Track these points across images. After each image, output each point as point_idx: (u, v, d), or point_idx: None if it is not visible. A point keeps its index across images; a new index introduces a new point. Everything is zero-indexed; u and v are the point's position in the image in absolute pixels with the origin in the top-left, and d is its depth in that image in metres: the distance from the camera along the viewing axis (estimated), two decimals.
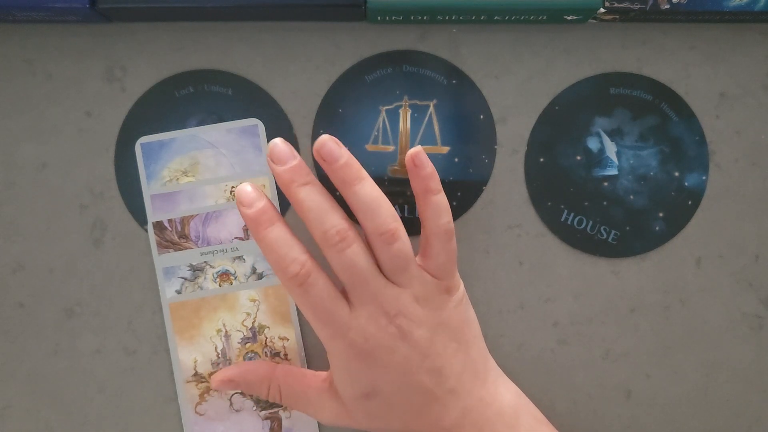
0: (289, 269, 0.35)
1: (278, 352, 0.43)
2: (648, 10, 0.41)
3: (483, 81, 0.43)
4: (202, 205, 0.43)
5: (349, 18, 0.43)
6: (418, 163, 0.36)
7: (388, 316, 0.35)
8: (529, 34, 0.43)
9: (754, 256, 0.43)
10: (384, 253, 0.36)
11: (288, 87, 0.43)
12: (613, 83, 0.43)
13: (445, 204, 0.37)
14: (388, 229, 0.35)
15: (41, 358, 0.43)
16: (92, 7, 0.40)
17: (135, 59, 0.43)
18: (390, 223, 0.35)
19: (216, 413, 0.42)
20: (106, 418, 0.43)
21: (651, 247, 0.43)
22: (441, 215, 0.37)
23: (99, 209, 0.43)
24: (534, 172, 0.43)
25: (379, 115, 0.43)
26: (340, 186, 0.36)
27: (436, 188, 0.37)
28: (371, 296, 0.36)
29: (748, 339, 0.43)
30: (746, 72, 0.44)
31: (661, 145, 0.43)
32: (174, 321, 0.42)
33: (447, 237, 0.37)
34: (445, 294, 0.38)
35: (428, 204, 0.37)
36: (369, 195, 0.35)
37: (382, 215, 0.35)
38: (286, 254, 0.35)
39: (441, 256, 0.37)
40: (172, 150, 0.43)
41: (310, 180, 0.36)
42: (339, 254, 0.35)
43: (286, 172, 0.36)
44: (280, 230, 0.36)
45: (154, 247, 0.43)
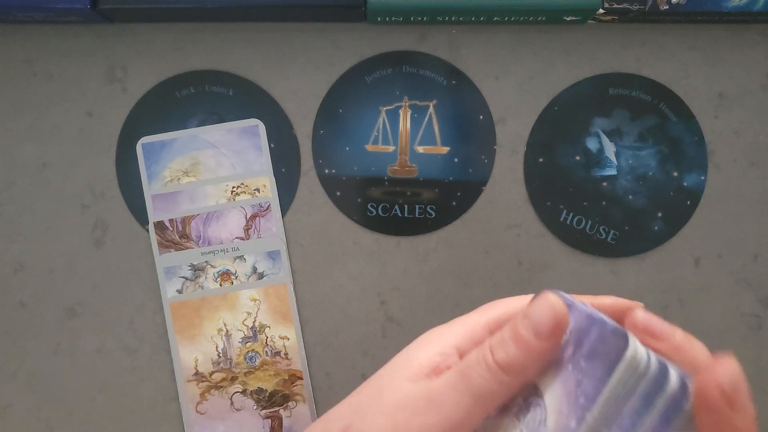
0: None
1: (279, 352, 0.43)
2: (647, 11, 0.41)
3: (483, 81, 0.43)
4: (202, 205, 0.43)
5: (349, 19, 0.43)
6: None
7: None
8: (528, 35, 0.44)
9: (752, 256, 0.43)
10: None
11: (288, 87, 0.43)
12: (612, 84, 0.43)
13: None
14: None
15: (42, 357, 0.43)
16: (93, 7, 0.40)
17: (136, 60, 0.43)
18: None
19: (217, 412, 0.42)
20: (107, 417, 0.43)
21: (650, 247, 0.43)
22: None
23: (100, 209, 0.43)
24: (533, 172, 0.43)
25: (379, 116, 0.43)
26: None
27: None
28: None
29: (747, 338, 0.43)
30: (745, 72, 0.44)
31: (660, 145, 0.43)
32: (175, 320, 0.42)
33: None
34: None
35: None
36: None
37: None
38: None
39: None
40: (173, 150, 0.43)
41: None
42: None
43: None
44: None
45: (155, 247, 0.43)
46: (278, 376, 0.43)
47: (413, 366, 0.27)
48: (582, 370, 0.24)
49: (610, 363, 0.23)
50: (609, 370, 0.23)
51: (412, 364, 0.27)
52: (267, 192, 0.43)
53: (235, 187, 0.43)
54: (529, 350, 0.25)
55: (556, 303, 0.25)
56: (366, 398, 0.27)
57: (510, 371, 0.25)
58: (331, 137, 0.43)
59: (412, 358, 0.28)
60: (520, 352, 0.25)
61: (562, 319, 0.25)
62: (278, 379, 0.43)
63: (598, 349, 0.24)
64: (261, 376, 0.43)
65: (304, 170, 0.43)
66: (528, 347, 0.25)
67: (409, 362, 0.27)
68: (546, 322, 0.25)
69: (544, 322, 0.25)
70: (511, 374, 0.25)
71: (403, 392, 0.26)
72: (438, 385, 0.26)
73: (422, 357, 0.27)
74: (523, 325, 0.25)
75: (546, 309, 0.25)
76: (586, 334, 0.25)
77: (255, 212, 0.43)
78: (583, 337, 0.25)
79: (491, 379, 0.25)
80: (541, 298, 0.25)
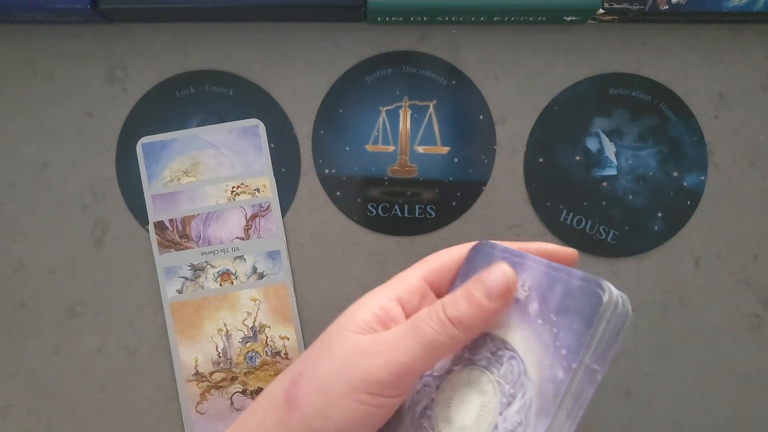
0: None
1: (279, 351, 0.43)
2: (647, 11, 0.41)
3: (483, 81, 0.43)
4: (203, 205, 0.43)
5: (349, 19, 0.43)
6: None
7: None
8: (528, 35, 0.44)
9: (752, 256, 0.43)
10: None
11: (288, 87, 0.43)
12: (612, 84, 0.43)
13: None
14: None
15: (42, 357, 0.43)
16: (93, 7, 0.40)
17: (136, 60, 0.43)
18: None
19: (217, 412, 0.42)
20: (107, 417, 0.43)
21: (650, 247, 0.43)
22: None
23: (100, 209, 0.43)
24: (533, 172, 0.43)
25: (379, 116, 0.43)
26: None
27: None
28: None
29: (747, 338, 0.43)
30: (745, 72, 0.44)
31: (660, 145, 0.43)
32: (175, 320, 0.42)
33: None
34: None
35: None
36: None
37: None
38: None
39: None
40: (173, 150, 0.43)
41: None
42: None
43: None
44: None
45: (155, 247, 0.43)
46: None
47: (357, 320, 0.29)
48: (555, 323, 0.27)
49: (585, 317, 0.26)
50: (587, 323, 0.26)
51: (356, 318, 0.29)
52: (267, 192, 0.43)
53: (235, 187, 0.43)
54: (479, 309, 0.28)
55: (508, 271, 0.28)
56: (315, 350, 0.30)
57: (459, 325, 0.27)
58: (331, 137, 0.43)
59: (354, 313, 0.30)
60: (471, 310, 0.28)
61: (512, 285, 0.28)
62: None
63: (567, 305, 0.27)
64: (261, 376, 0.43)
65: (304, 170, 0.43)
66: (478, 306, 0.28)
67: (352, 317, 0.30)
68: (497, 286, 0.28)
69: (495, 286, 0.28)
70: (459, 328, 0.28)
71: (351, 340, 0.29)
72: (389, 334, 0.28)
73: (364, 311, 0.30)
74: (475, 287, 0.28)
75: (499, 275, 0.28)
76: (551, 290, 0.27)
77: (255, 212, 0.43)
78: (547, 292, 0.28)
79: (441, 330, 0.27)
80: (495, 267, 0.28)
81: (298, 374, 0.29)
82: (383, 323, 0.29)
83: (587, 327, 0.25)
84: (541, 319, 0.27)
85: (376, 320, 0.29)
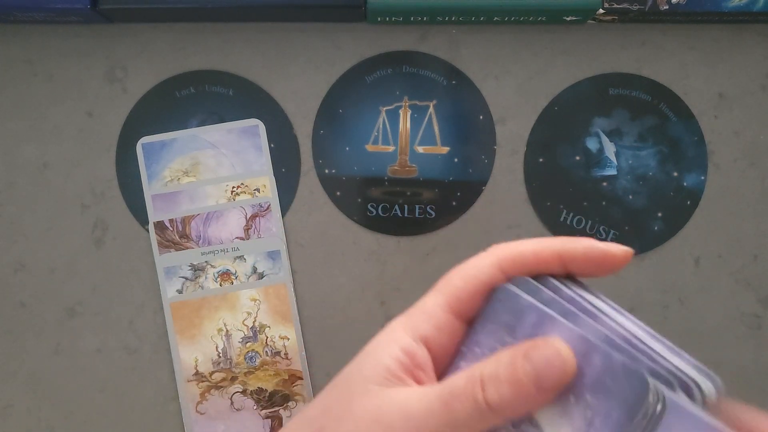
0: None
1: (279, 351, 0.43)
2: (647, 11, 0.41)
3: (482, 82, 0.43)
4: (203, 205, 0.43)
5: (349, 19, 0.43)
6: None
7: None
8: (528, 35, 0.44)
9: (752, 256, 0.43)
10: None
11: (288, 87, 0.43)
12: (612, 84, 0.43)
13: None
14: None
15: (42, 357, 0.43)
16: (93, 8, 0.40)
17: (136, 60, 0.43)
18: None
19: (217, 412, 0.42)
20: (107, 417, 0.43)
21: (650, 247, 0.43)
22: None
23: (100, 209, 0.43)
24: (533, 172, 0.43)
25: (379, 116, 0.43)
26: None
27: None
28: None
29: (747, 338, 0.43)
30: (745, 72, 0.44)
31: (660, 145, 0.43)
32: (175, 320, 0.42)
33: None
34: None
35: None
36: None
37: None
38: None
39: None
40: (173, 150, 0.43)
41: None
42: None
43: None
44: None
45: (155, 247, 0.43)
46: (278, 376, 0.43)
47: (379, 369, 0.26)
48: (591, 405, 0.22)
49: (628, 406, 0.21)
50: (630, 414, 0.21)
51: (378, 367, 0.26)
52: (267, 192, 0.43)
53: (235, 187, 0.43)
54: (526, 398, 0.23)
55: (564, 353, 0.22)
56: (336, 401, 0.26)
57: (498, 413, 0.23)
58: (331, 137, 0.43)
59: (377, 360, 0.26)
60: (515, 398, 0.23)
61: (570, 374, 0.22)
62: (278, 379, 0.43)
63: (607, 385, 0.22)
64: (261, 376, 0.43)
65: (304, 170, 0.43)
66: (525, 395, 0.23)
67: (375, 365, 0.26)
68: (551, 375, 0.22)
69: (549, 375, 0.22)
70: (498, 415, 0.23)
71: (375, 402, 0.25)
72: (416, 407, 0.24)
73: (386, 358, 0.26)
74: (523, 370, 0.23)
75: (553, 359, 0.22)
76: (587, 361, 0.22)
77: (255, 212, 0.43)
78: (582, 363, 0.22)
79: (476, 416, 0.23)
80: (548, 344, 0.23)
81: (318, 430, 0.25)
82: (410, 372, 0.25)
83: (629, 419, 0.21)
84: (573, 396, 0.22)
85: (401, 368, 0.25)
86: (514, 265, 0.26)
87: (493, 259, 0.27)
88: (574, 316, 0.24)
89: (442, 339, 0.26)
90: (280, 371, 0.43)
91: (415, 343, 0.26)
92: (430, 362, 0.26)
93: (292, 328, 0.43)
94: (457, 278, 0.27)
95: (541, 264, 0.26)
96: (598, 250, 0.26)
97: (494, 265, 0.27)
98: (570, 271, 0.27)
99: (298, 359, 0.43)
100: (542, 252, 0.26)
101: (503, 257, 0.27)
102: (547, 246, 0.26)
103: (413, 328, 0.26)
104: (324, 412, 0.26)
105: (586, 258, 0.26)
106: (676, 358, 0.23)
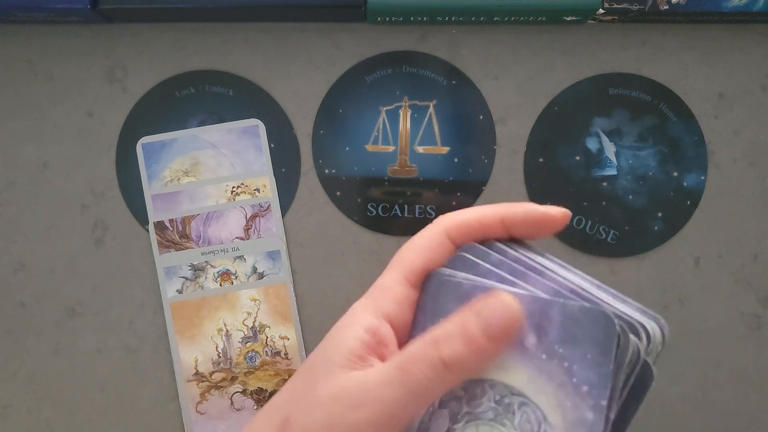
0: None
1: (279, 351, 0.43)
2: (647, 11, 0.41)
3: (482, 82, 0.43)
4: (203, 205, 0.43)
5: (349, 19, 0.43)
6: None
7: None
8: (528, 35, 0.44)
9: (752, 256, 0.43)
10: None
11: (288, 87, 0.43)
12: (612, 84, 0.43)
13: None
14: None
15: (43, 357, 0.43)
16: (93, 7, 0.40)
17: (136, 60, 0.43)
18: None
19: (217, 412, 0.42)
20: (108, 417, 0.43)
21: (650, 247, 0.43)
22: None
23: (100, 209, 0.43)
24: (533, 172, 0.43)
25: (379, 116, 0.43)
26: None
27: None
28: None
29: (747, 338, 0.43)
30: (745, 72, 0.44)
31: (660, 145, 0.43)
32: (175, 320, 0.42)
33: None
34: None
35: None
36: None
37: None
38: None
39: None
40: (173, 150, 0.43)
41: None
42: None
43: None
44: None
45: (155, 247, 0.43)
46: (278, 376, 0.43)
47: (343, 351, 0.26)
48: (564, 357, 0.23)
49: (599, 343, 0.22)
50: (604, 349, 0.22)
51: (341, 348, 0.26)
52: (267, 192, 0.43)
53: (235, 187, 0.43)
54: (479, 350, 0.23)
55: (510, 303, 0.23)
56: (302, 386, 0.26)
57: (455, 369, 0.24)
58: (331, 137, 0.43)
59: (340, 343, 0.26)
60: (469, 352, 0.23)
61: (517, 321, 0.23)
62: (278, 379, 0.43)
63: (573, 332, 0.23)
64: (261, 376, 0.43)
65: (304, 170, 0.43)
66: (478, 347, 0.23)
67: (338, 346, 0.26)
68: (499, 324, 0.23)
69: (497, 323, 0.23)
70: (455, 372, 0.24)
71: (337, 382, 0.25)
72: (375, 379, 0.24)
73: (350, 339, 0.26)
74: (474, 323, 0.24)
75: (499, 309, 0.23)
76: (546, 318, 0.23)
77: (255, 212, 0.43)
78: (543, 322, 0.23)
79: (433, 376, 0.24)
80: (493, 297, 0.24)
81: (284, 418, 0.26)
82: (373, 350, 0.26)
83: (606, 354, 0.22)
84: (545, 354, 0.23)
85: (364, 348, 0.26)
86: (460, 232, 0.27)
87: (441, 228, 0.28)
88: (522, 274, 0.25)
89: (403, 313, 0.27)
90: (280, 371, 0.43)
91: (377, 321, 0.26)
92: (394, 339, 0.27)
93: (292, 328, 0.43)
94: (409, 251, 0.28)
95: (486, 229, 0.27)
96: (537, 213, 0.27)
97: (442, 234, 0.28)
98: (514, 235, 0.28)
99: (298, 359, 0.43)
100: (485, 218, 0.27)
101: (450, 226, 0.28)
102: (490, 212, 0.27)
103: (374, 307, 0.27)
104: (290, 399, 0.26)
105: (527, 220, 0.27)
106: (622, 305, 0.24)
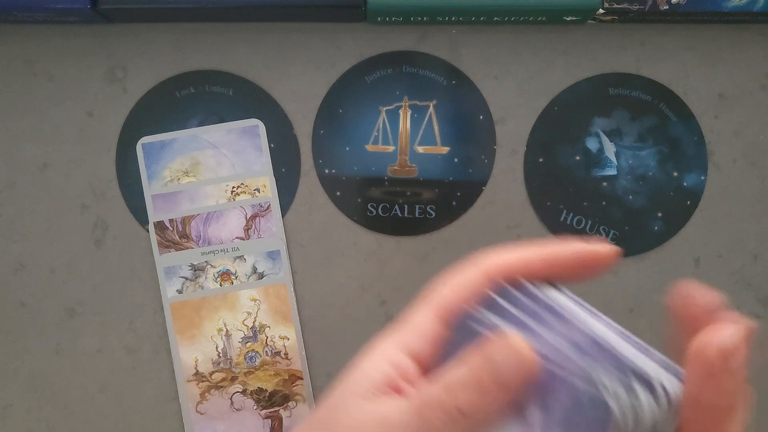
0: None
1: (279, 351, 0.43)
2: (647, 11, 0.41)
3: (482, 81, 0.43)
4: (203, 205, 0.43)
5: (349, 19, 0.43)
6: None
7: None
8: (528, 35, 0.44)
9: (752, 256, 0.43)
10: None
11: (288, 87, 0.43)
12: (612, 84, 0.43)
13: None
14: None
15: (43, 357, 0.43)
16: (93, 8, 0.40)
17: (136, 60, 0.43)
18: None
19: (217, 412, 0.42)
20: (108, 417, 0.43)
21: (650, 247, 0.43)
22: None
23: (100, 209, 0.43)
24: (533, 172, 0.43)
25: (379, 116, 0.43)
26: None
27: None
28: None
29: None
30: (745, 72, 0.44)
31: (660, 145, 0.43)
32: (175, 320, 0.42)
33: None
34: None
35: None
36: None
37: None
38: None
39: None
40: (173, 150, 0.43)
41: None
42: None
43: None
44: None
45: (155, 247, 0.43)
46: (278, 376, 0.43)
47: (364, 383, 0.26)
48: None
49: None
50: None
51: (363, 381, 0.26)
52: (267, 192, 0.43)
53: (235, 187, 0.43)
54: (492, 398, 0.23)
55: (522, 350, 0.23)
56: (325, 417, 0.26)
57: (470, 417, 0.24)
58: (331, 137, 0.43)
59: (362, 374, 0.26)
60: (482, 400, 0.23)
61: (529, 370, 0.23)
62: (278, 379, 0.43)
63: (575, 421, 0.22)
64: (261, 376, 0.43)
65: (304, 170, 0.43)
66: (490, 396, 0.23)
67: (360, 378, 0.26)
68: (510, 373, 0.23)
69: (507, 372, 0.23)
70: (470, 419, 0.24)
71: (357, 415, 0.25)
72: (394, 418, 0.25)
73: (372, 371, 0.26)
74: (485, 371, 0.24)
75: (511, 358, 0.23)
76: (554, 396, 0.23)
77: (255, 212, 0.43)
78: (549, 399, 0.23)
79: (449, 423, 0.24)
80: (505, 343, 0.24)
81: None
82: (395, 386, 0.26)
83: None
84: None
85: (386, 382, 0.26)
86: (502, 275, 0.27)
87: (482, 269, 0.27)
88: (549, 325, 0.24)
89: (430, 349, 0.27)
90: (280, 371, 0.43)
91: (402, 356, 0.26)
92: (418, 374, 0.26)
93: (292, 328, 0.43)
94: (445, 289, 0.28)
95: (529, 273, 0.27)
96: (586, 253, 0.26)
97: (482, 276, 0.27)
98: (558, 278, 0.27)
99: (298, 359, 0.43)
100: (529, 262, 0.27)
101: (492, 268, 0.27)
102: (534, 255, 0.27)
103: (402, 342, 0.27)
104: (310, 429, 0.26)
105: (574, 262, 0.26)
106: (643, 357, 0.23)
